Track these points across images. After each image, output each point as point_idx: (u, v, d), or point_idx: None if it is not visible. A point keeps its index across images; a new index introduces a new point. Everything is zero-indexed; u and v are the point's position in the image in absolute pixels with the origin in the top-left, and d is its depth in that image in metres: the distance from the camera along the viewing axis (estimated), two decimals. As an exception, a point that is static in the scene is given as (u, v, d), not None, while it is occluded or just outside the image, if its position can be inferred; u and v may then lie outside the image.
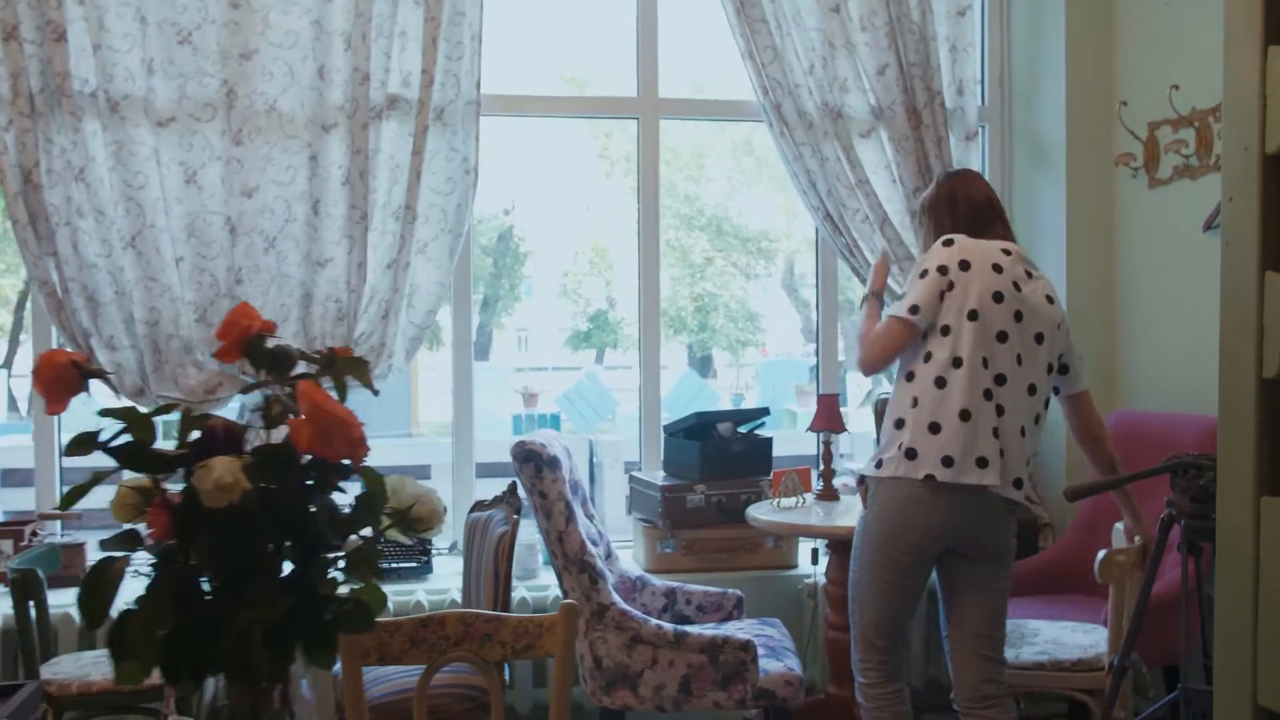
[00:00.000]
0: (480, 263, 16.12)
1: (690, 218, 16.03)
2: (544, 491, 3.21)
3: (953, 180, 3.14)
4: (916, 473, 2.75)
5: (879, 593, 2.87)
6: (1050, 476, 4.47)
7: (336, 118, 4.13)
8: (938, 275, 2.84)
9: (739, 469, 4.16)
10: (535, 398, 9.52)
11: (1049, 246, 4.48)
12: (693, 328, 16.05)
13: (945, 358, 2.80)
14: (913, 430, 2.79)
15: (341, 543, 1.33)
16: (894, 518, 2.81)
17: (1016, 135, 4.69)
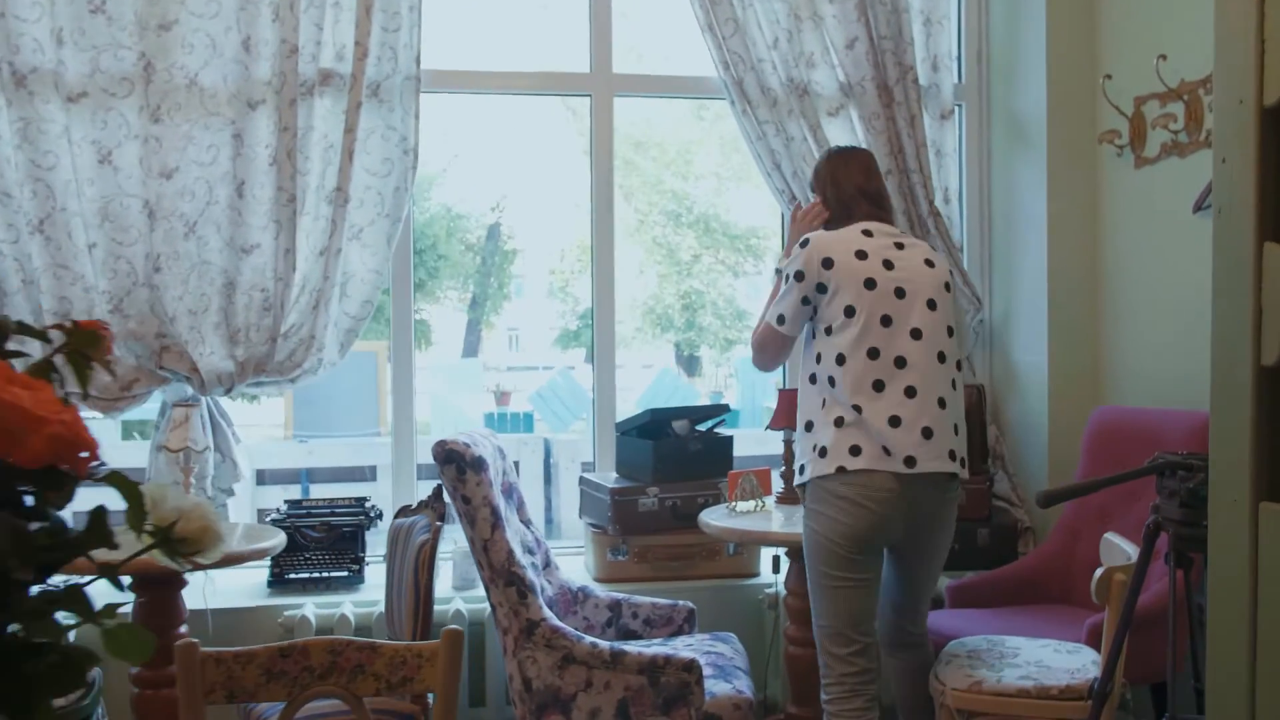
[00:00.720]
0: (468, 261, 15.83)
1: (678, 215, 15.74)
2: (467, 496, 2.88)
3: (834, 161, 3.09)
4: (829, 468, 2.73)
5: (835, 593, 2.80)
6: (1030, 478, 4.15)
7: (264, 94, 3.80)
8: (797, 283, 2.82)
9: (696, 470, 3.83)
10: (508, 396, 9.18)
11: (1029, 231, 4.15)
12: (679, 325, 15.74)
13: (832, 357, 2.78)
14: (819, 430, 2.79)
15: (35, 577, 0.99)
16: (827, 517, 2.77)
17: (995, 113, 4.36)
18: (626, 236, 16.09)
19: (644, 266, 15.88)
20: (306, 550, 3.71)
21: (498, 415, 8.59)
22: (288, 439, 7.63)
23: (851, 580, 2.77)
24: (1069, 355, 4.05)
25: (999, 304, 4.35)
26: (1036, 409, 4.10)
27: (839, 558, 2.75)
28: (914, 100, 4.11)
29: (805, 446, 2.82)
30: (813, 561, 2.81)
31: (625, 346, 17.66)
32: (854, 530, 2.72)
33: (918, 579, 2.96)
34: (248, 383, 3.77)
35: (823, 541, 2.76)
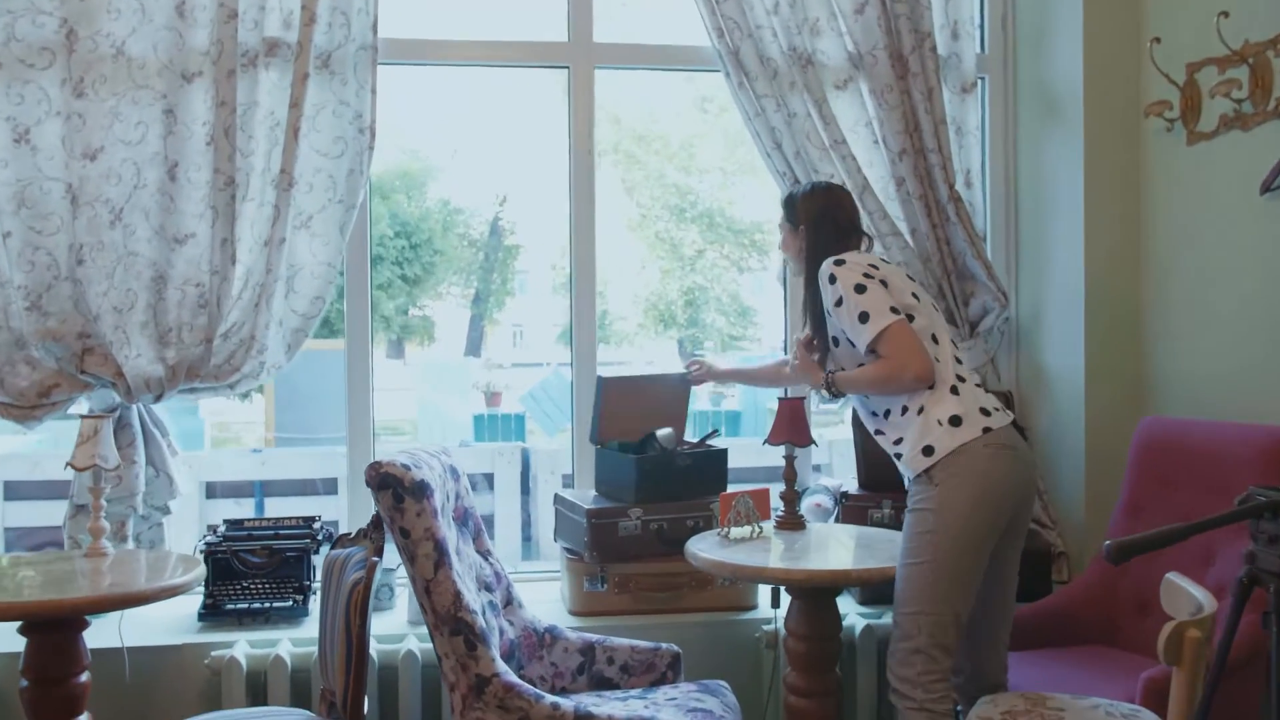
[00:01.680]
0: (468, 256, 15.36)
1: (681, 209, 15.24)
2: (406, 528, 2.39)
3: (835, 192, 2.97)
4: (974, 431, 2.60)
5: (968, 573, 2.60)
6: (1064, 495, 3.64)
7: (200, 65, 3.32)
8: (870, 280, 2.68)
9: (685, 489, 3.33)
10: (498, 397, 8.67)
11: (1062, 218, 3.64)
12: (682, 322, 15.24)
13: (925, 337, 2.68)
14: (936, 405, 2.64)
15: None
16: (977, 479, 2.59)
17: (1023, 86, 3.85)
18: (629, 231, 15.60)
19: (646, 262, 15.38)
20: (245, 578, 3.22)
21: (487, 417, 8.08)
22: (269, 442, 7.18)
23: (982, 560, 2.60)
24: (1109, 358, 3.54)
25: (1027, 300, 3.84)
26: (1071, 418, 3.59)
27: (987, 525, 2.57)
28: (931, 71, 3.61)
29: (921, 426, 2.63)
30: (946, 541, 2.56)
31: (628, 343, 17.21)
32: (1013, 484, 2.61)
33: (1007, 579, 2.74)
34: (180, 388, 3.28)
35: (967, 513, 2.55)
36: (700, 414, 8.12)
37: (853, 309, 2.65)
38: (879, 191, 3.64)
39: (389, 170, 11.93)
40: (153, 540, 3.38)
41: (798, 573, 2.69)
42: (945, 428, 2.60)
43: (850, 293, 2.66)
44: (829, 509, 3.62)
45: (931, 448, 2.60)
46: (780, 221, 3.01)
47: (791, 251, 2.96)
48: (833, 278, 2.70)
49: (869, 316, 2.64)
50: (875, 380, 2.68)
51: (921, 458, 2.61)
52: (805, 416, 3.20)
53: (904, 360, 2.61)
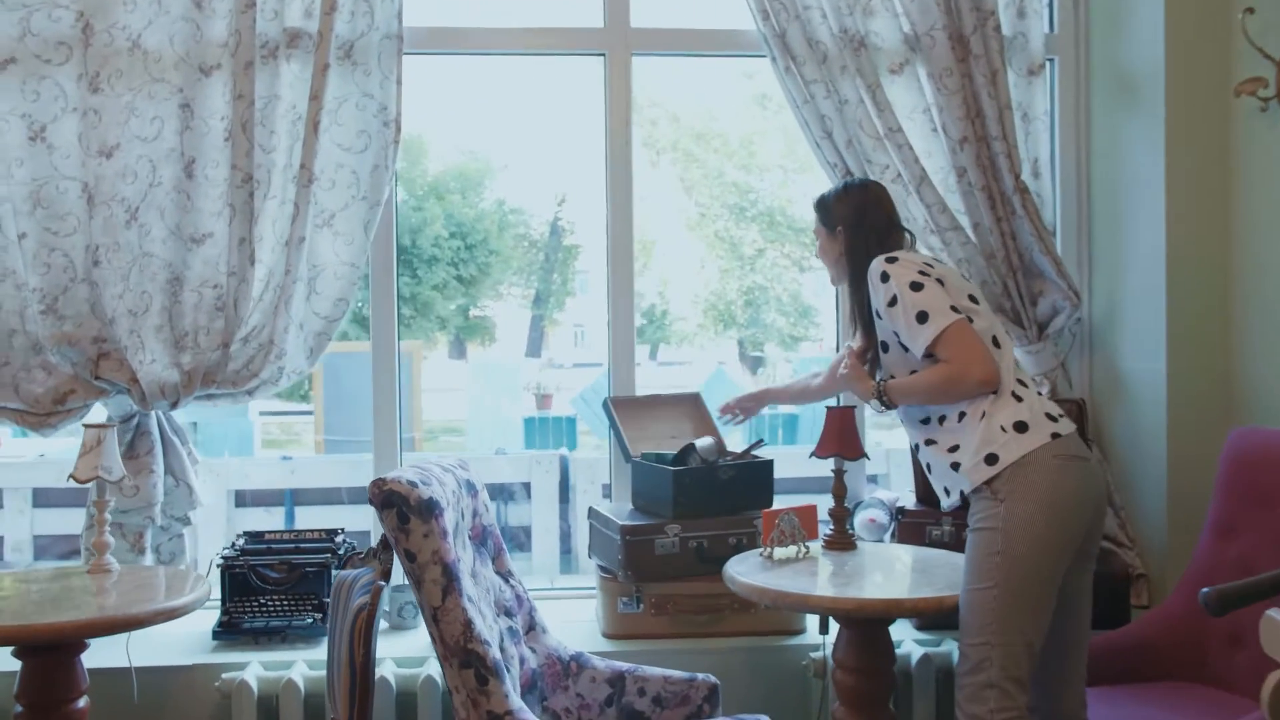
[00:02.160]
0: (528, 257, 15.25)
1: (741, 208, 14.97)
2: (412, 551, 2.18)
3: (872, 189, 2.74)
4: (1041, 437, 2.35)
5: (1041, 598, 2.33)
6: (1144, 511, 3.33)
7: (218, 57, 3.15)
8: (926, 276, 2.46)
9: (728, 503, 3.08)
10: (549, 399, 8.45)
11: (1141, 209, 3.33)
12: (742, 322, 14.97)
13: (986, 340, 2.45)
14: (998, 411, 2.39)
15: None
16: (1049, 489, 2.33)
17: (1096, 67, 3.53)
18: (688, 231, 15.38)
19: (705, 261, 15.13)
20: (263, 594, 3.04)
21: (538, 420, 7.87)
22: (319, 445, 7.05)
23: (1055, 583, 2.34)
24: (1194, 362, 3.22)
25: (1102, 299, 3.53)
26: (1152, 428, 3.28)
27: (1060, 544, 2.31)
28: (995, 53, 3.32)
29: (982, 433, 2.38)
30: (1016, 563, 2.30)
31: (687, 343, 16.99)
32: (1086, 498, 2.35)
33: (1079, 607, 2.47)
34: (196, 395, 3.11)
35: (1038, 531, 2.30)
36: (756, 419, 7.85)
37: (909, 308, 2.41)
38: (938, 183, 3.36)
39: (445, 171, 11.85)
40: (173, 552, 3.22)
41: (846, 601, 2.43)
42: (1010, 434, 2.36)
43: (906, 291, 2.43)
44: (884, 525, 3.35)
45: (995, 456, 2.35)
46: (815, 226, 2.79)
47: (830, 257, 2.74)
48: (885, 275, 2.47)
49: (928, 316, 2.40)
50: (935, 386, 2.44)
51: (984, 467, 2.36)
52: (856, 427, 2.93)
53: (967, 363, 2.38)
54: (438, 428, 12.04)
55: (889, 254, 2.52)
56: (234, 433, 7.25)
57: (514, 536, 5.58)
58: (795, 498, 3.74)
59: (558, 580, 4.86)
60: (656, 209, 15.71)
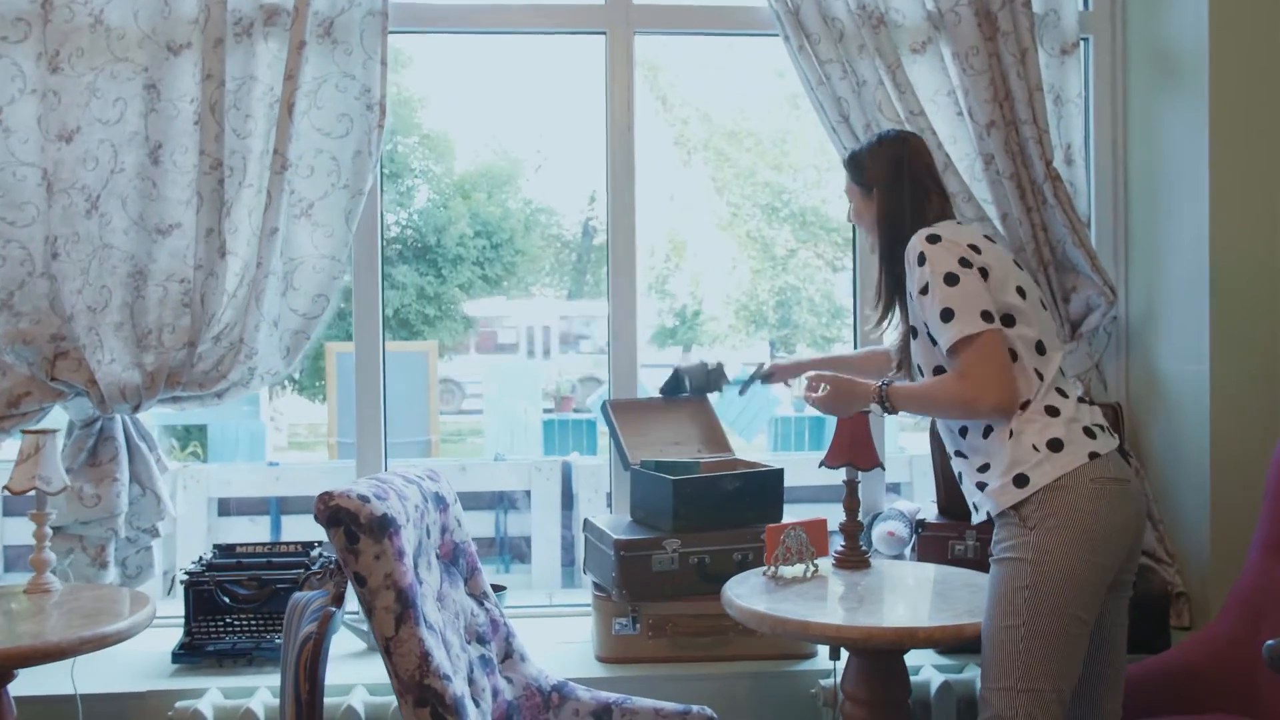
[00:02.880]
0: (558, 257, 15.03)
1: (773, 208, 14.67)
2: (361, 574, 1.93)
3: (910, 142, 2.38)
4: (1078, 457, 2.06)
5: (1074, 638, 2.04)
6: (1185, 525, 3.02)
7: (188, 35, 2.92)
8: (966, 269, 2.12)
9: (733, 515, 2.81)
10: (568, 401, 8.18)
11: (1182, 199, 3.03)
12: (773, 322, 14.67)
13: (1029, 346, 2.15)
14: (1030, 427, 2.10)
15: None
16: (1086, 518, 2.05)
17: (1133, 46, 3.23)
18: (719, 231, 15.09)
19: (737, 261, 14.84)
20: (230, 613, 2.80)
21: (557, 422, 7.61)
22: (332, 447, 6.84)
23: (1089, 623, 2.06)
24: (1240, 364, 2.91)
25: (1139, 296, 3.22)
26: (1193, 435, 2.97)
27: (1096, 580, 2.04)
28: (1025, 30, 3.03)
29: (1012, 452, 2.10)
30: (1047, 600, 2.02)
31: (719, 343, 16.69)
32: (1125, 526, 2.07)
33: (1114, 638, 2.21)
34: (160, 397, 2.88)
35: (1073, 565, 2.02)
36: (784, 420, 7.57)
37: (937, 301, 2.11)
38: (963, 170, 3.07)
39: (473, 170, 11.64)
40: (140, 567, 2.99)
41: (852, 630, 2.15)
42: (1043, 453, 2.07)
43: (939, 282, 2.11)
44: (904, 539, 3.07)
45: (1025, 477, 2.06)
46: (846, 186, 2.44)
47: (865, 222, 2.40)
48: (922, 257, 2.15)
49: (954, 315, 2.09)
50: (943, 401, 2.16)
51: (1013, 489, 2.07)
52: (869, 433, 2.65)
53: (984, 383, 2.07)
54: (465, 429, 11.85)
55: (931, 230, 2.18)
56: (245, 435, 7.05)
57: (514, 547, 5.33)
58: (812, 508, 3.46)
59: (558, 595, 4.59)
60: (688, 209, 15.43)
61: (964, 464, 2.24)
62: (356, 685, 2.63)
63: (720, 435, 3.10)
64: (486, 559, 5.51)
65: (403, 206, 10.79)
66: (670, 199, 15.47)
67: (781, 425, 7.18)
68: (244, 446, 6.86)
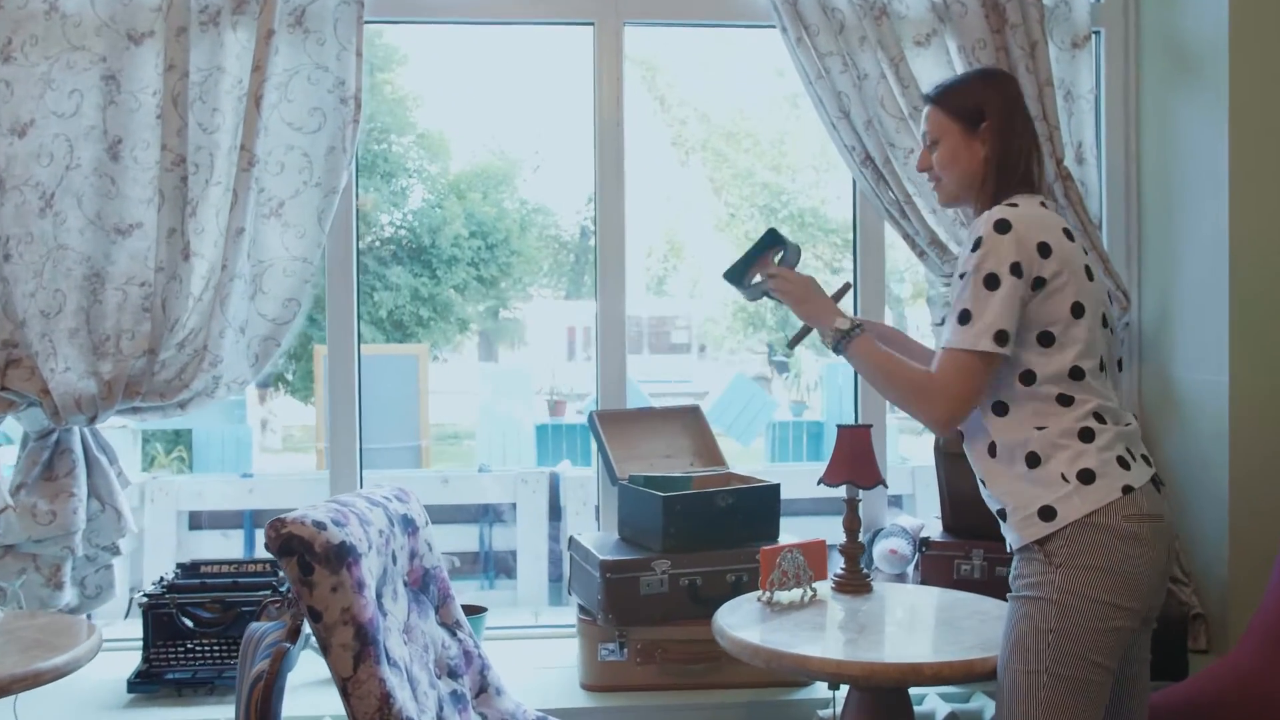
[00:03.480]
0: (557, 258, 14.85)
1: (772, 208, 14.50)
2: (316, 608, 1.75)
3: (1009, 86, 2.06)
4: (1112, 491, 1.85)
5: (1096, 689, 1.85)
6: (1202, 542, 2.85)
7: (150, 23, 2.74)
8: (1014, 278, 1.86)
9: (726, 534, 2.63)
10: (561, 405, 7.99)
11: (1200, 199, 2.85)
12: (772, 324, 14.51)
13: (1062, 371, 1.90)
14: (1060, 453, 1.89)
15: None
16: (1118, 559, 1.85)
17: (1148, 39, 3.05)
18: (717, 232, 14.93)
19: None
20: (192, 638, 2.62)
21: (551, 427, 7.43)
22: (319, 452, 6.66)
23: (1113, 671, 1.87)
24: (1261, 373, 2.73)
25: (1152, 301, 3.05)
26: (1211, 448, 2.80)
27: (1124, 626, 1.85)
28: (1034, 22, 2.86)
29: (1036, 480, 1.89)
30: (1070, 646, 1.83)
31: (717, 346, 16.52)
32: (1157, 566, 1.88)
33: (1136, 678, 2.01)
34: (118, 408, 2.70)
35: (1101, 611, 1.83)
36: (781, 425, 7.40)
37: (965, 297, 1.87)
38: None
39: (467, 169, 11.47)
40: (100, 587, 2.80)
41: (854, 666, 1.97)
42: (1073, 485, 1.86)
43: (978, 279, 1.86)
44: (907, 557, 2.89)
45: (1052, 510, 1.86)
46: (934, 123, 2.04)
47: (960, 165, 2.02)
48: (979, 242, 1.87)
49: (970, 322, 1.86)
50: (897, 385, 1.96)
51: (1038, 522, 1.87)
52: (872, 448, 2.47)
53: (947, 393, 1.88)
54: (463, 431, 11.67)
55: (1008, 213, 1.88)
56: (231, 440, 6.85)
57: (500, 562, 5.13)
58: (810, 521, 3.29)
59: (544, 613, 4.39)
60: (686, 209, 15.27)
61: (987, 493, 2.03)
62: (324, 717, 2.45)
63: (713, 447, 2.93)
64: (470, 575, 5.32)
65: (397, 207, 10.61)
66: (668, 199, 15.32)
67: (779, 430, 7.01)
68: (230, 451, 6.68)
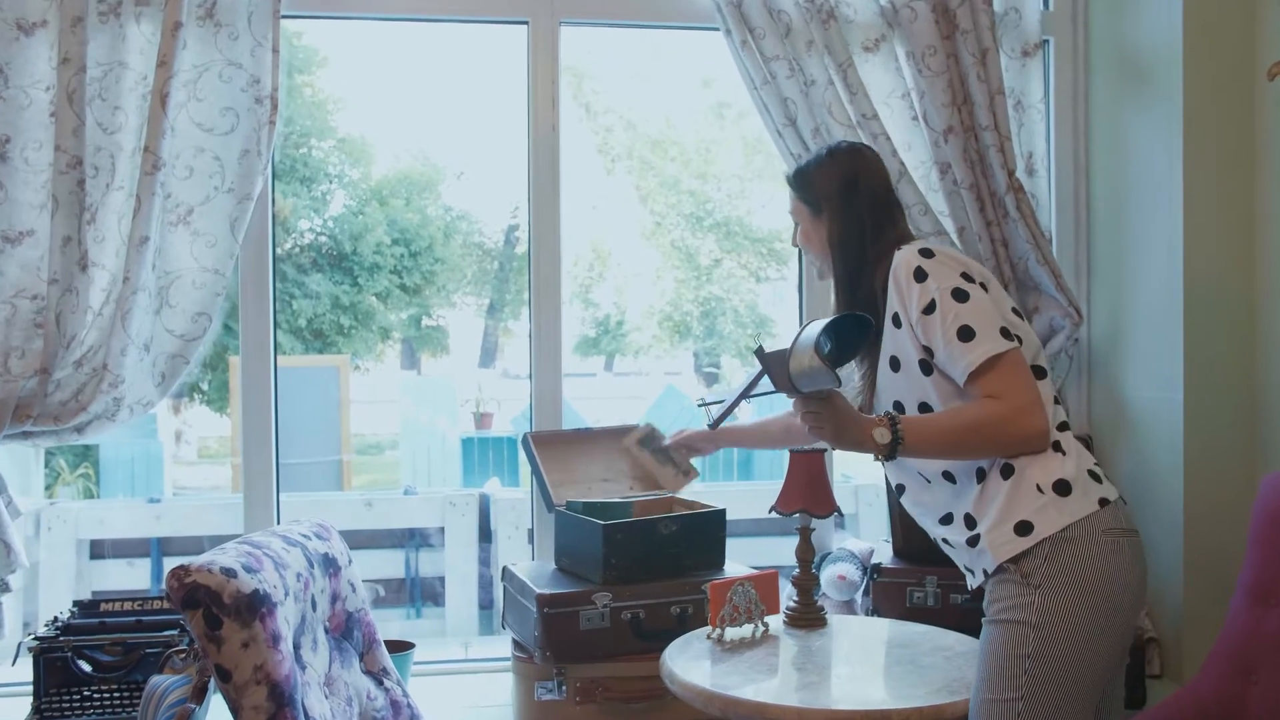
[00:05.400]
0: (478, 266, 14.59)
1: (698, 217, 14.44)
2: (226, 667, 1.55)
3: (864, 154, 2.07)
4: (1088, 504, 1.77)
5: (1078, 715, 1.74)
6: (1158, 563, 2.77)
7: (42, 12, 2.51)
8: (970, 283, 1.84)
9: (670, 564, 2.47)
10: (488, 418, 7.78)
11: (1153, 212, 2.77)
12: (699, 333, 14.42)
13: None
14: (1031, 464, 1.79)
15: None
16: (1096, 576, 1.75)
17: (1098, 46, 2.98)
18: (643, 240, 14.81)
19: (661, 271, 14.59)
20: (90, 683, 2.38)
21: (477, 440, 7.19)
22: (235, 468, 6.35)
23: (1098, 696, 1.78)
24: (1217, 389, 2.66)
25: (1102, 317, 2.97)
26: (1165, 469, 2.72)
27: (1110, 649, 1.75)
28: (985, 29, 2.76)
29: (1010, 494, 1.78)
30: (1053, 672, 1.71)
31: (643, 354, 16.39)
32: (1139, 585, 1.78)
33: (1113, 702, 1.90)
34: (6, 433, 2.46)
35: (1085, 633, 1.72)
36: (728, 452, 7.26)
37: (950, 319, 1.78)
38: (919, 180, 2.79)
39: (391, 176, 11.18)
40: (-13, 625, 2.56)
41: (816, 714, 1.81)
42: (1049, 497, 1.76)
43: (948, 298, 1.79)
44: (856, 583, 2.76)
45: (1029, 524, 1.76)
46: (792, 206, 2.11)
47: (814, 246, 2.06)
48: (920, 273, 1.83)
49: (974, 334, 1.77)
50: (973, 429, 1.77)
51: (1014, 538, 1.76)
52: (827, 476, 2.34)
53: (1021, 406, 1.75)
54: (386, 441, 11.36)
55: (920, 245, 1.89)
56: (141, 455, 6.48)
57: (428, 588, 4.88)
58: (752, 543, 3.14)
59: (475, 644, 4.17)
60: (612, 217, 15.12)
61: (926, 513, 1.94)
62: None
63: (650, 471, 2.76)
64: (395, 604, 5.07)
65: (317, 213, 10.29)
66: (594, 208, 15.16)
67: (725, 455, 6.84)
68: (140, 469, 6.33)
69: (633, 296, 14.97)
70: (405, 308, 11.00)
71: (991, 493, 1.81)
